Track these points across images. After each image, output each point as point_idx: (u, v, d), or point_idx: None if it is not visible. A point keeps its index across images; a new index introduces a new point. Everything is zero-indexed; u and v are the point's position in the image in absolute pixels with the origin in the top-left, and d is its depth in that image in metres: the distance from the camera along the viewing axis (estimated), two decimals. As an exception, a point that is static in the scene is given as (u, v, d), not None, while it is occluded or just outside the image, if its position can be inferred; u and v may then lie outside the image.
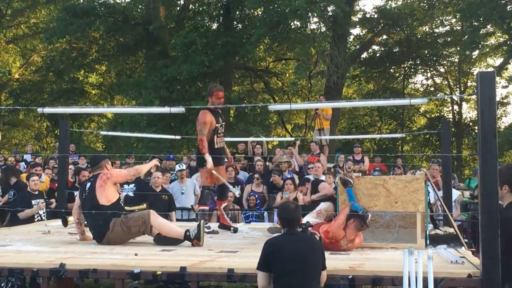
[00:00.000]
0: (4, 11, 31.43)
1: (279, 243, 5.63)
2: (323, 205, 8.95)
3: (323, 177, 12.58)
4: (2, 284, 8.98)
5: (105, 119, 35.59)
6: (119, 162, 16.22)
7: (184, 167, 13.80)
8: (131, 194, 12.34)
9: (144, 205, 10.57)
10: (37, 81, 32.90)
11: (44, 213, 11.47)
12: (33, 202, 11.20)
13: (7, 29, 33.09)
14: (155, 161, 9.51)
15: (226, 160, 10.25)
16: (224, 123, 9.91)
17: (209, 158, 9.38)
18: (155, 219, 8.11)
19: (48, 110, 8.94)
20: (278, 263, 5.48)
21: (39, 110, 8.18)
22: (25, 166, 17.53)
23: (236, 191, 10.28)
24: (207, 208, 9.78)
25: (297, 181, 13.46)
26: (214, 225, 10.27)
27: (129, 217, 8.13)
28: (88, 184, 8.25)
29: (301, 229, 6.17)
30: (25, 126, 37.93)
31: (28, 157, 19.17)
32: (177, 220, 12.47)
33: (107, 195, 8.10)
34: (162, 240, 8.09)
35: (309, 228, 7.61)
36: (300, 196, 12.31)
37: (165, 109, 7.83)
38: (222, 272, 6.26)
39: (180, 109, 7.81)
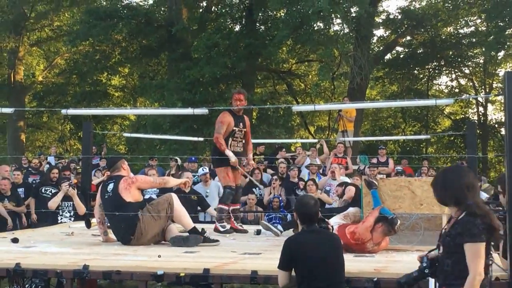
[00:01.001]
0: (28, 14, 31.64)
1: (302, 243, 5.48)
2: (351, 210, 8.87)
3: (347, 179, 12.52)
4: (26, 286, 9.00)
5: (128, 121, 35.77)
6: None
7: (207, 170, 13.78)
8: (154, 196, 12.34)
9: None
10: (61, 84, 33.15)
11: (71, 216, 11.53)
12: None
13: (31, 32, 33.31)
14: (186, 179, 9.36)
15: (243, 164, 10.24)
16: (245, 129, 9.91)
17: (230, 153, 9.41)
18: (176, 201, 8.24)
19: (72, 111, 9.00)
20: (304, 266, 5.36)
21: (63, 111, 8.24)
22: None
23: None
24: (226, 208, 9.72)
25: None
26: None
27: (155, 203, 8.28)
28: (111, 186, 8.23)
29: (320, 225, 5.99)
30: (49, 129, 38.21)
31: (51, 159, 19.27)
32: (201, 222, 12.46)
33: (132, 195, 8.11)
34: (177, 241, 8.11)
35: (335, 229, 7.54)
36: (324, 196, 12.27)
37: (189, 110, 7.84)
38: (245, 274, 6.21)
39: (203, 111, 7.80)
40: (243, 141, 9.93)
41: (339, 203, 10.89)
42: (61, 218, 11.49)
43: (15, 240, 8.58)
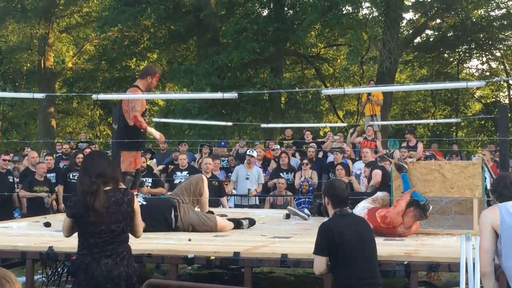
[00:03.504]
0: (57, 1, 31.80)
1: (338, 227, 5.29)
2: (379, 194, 8.82)
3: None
4: (59, 269, 9.11)
5: (157, 106, 35.88)
6: None
7: (254, 153, 13.78)
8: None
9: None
10: (90, 70, 33.32)
11: None
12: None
13: (60, 19, 33.46)
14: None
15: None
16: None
17: (153, 130, 9.14)
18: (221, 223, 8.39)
19: (102, 96, 9.04)
20: (343, 250, 5.21)
21: (94, 96, 8.26)
22: (79, 153, 17.75)
23: None
24: None
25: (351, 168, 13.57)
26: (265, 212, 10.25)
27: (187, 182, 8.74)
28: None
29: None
30: (79, 115, 38.48)
31: (81, 145, 19.42)
32: (236, 206, 12.59)
33: None
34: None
35: (365, 212, 7.53)
36: (354, 181, 12.26)
37: (218, 95, 7.81)
38: (275, 258, 6.23)
39: (232, 95, 7.76)
40: None
41: (366, 188, 10.86)
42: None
43: (47, 224, 8.71)
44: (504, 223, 4.89)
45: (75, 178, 12.60)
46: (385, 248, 6.59)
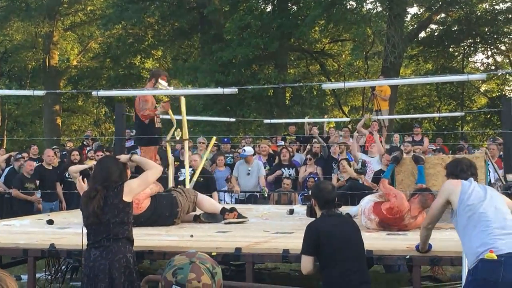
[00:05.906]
0: (61, -1, 31.87)
1: (325, 226, 5.46)
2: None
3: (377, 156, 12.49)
4: (63, 267, 9.10)
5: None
6: None
7: (247, 149, 13.68)
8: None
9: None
10: (95, 68, 33.40)
11: None
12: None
13: (64, 17, 33.46)
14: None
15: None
16: None
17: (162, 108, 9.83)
18: (199, 196, 8.70)
19: (102, 93, 9.12)
20: (330, 249, 5.35)
21: (94, 93, 8.29)
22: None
23: None
24: None
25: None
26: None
27: (184, 189, 8.88)
28: None
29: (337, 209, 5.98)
30: (84, 112, 38.54)
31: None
32: (242, 202, 12.49)
33: None
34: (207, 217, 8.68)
35: (371, 205, 7.57)
36: (353, 175, 12.25)
37: (218, 90, 7.85)
38: (277, 253, 6.22)
39: (232, 90, 7.78)
40: None
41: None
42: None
43: (50, 222, 8.72)
44: (462, 202, 5.06)
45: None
46: (387, 242, 6.58)
